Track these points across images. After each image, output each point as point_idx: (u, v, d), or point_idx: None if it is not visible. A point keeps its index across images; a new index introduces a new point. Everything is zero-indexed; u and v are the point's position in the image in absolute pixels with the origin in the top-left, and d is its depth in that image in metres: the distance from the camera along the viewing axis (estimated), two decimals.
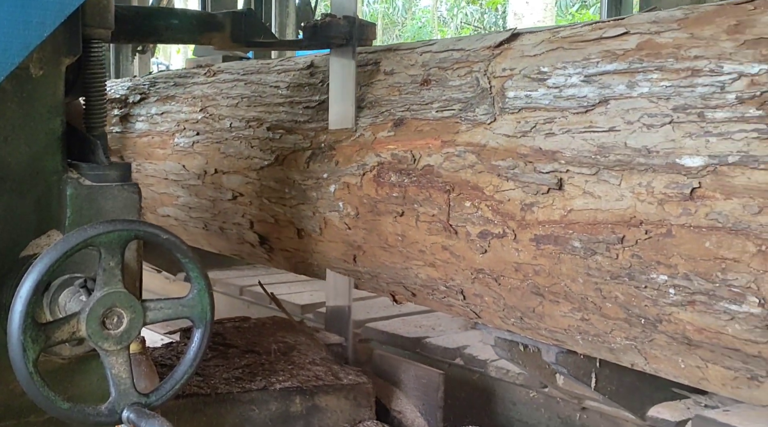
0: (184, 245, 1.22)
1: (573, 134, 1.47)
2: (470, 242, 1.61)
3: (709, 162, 1.26)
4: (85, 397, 1.33)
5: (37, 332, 1.13)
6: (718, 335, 1.25)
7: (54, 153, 1.30)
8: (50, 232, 1.31)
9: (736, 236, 1.21)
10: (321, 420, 1.77)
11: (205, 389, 1.70)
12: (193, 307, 1.24)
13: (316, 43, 1.94)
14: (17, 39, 1.13)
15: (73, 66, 1.36)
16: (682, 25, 1.48)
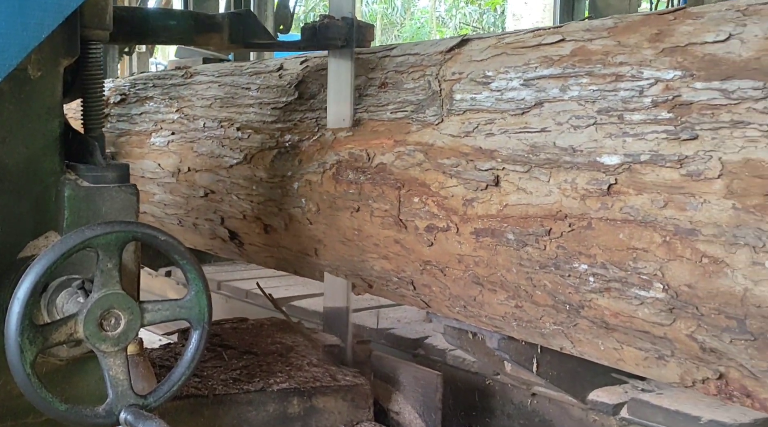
0: (182, 247, 1.22)
1: (510, 134, 1.57)
2: (418, 236, 1.71)
3: (624, 160, 1.36)
4: (83, 398, 1.32)
5: (34, 334, 1.13)
6: (631, 319, 1.35)
7: (52, 154, 1.31)
8: (48, 233, 1.31)
9: (645, 228, 1.30)
10: (319, 421, 1.78)
11: (203, 390, 1.70)
12: (191, 308, 1.24)
13: (315, 44, 1.95)
14: (15, 40, 1.14)
15: (71, 67, 1.37)
16: (611, 33, 1.58)
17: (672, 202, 1.27)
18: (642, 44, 1.50)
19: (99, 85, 1.44)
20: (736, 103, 1.28)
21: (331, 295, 2.10)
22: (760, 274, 1.15)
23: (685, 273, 1.24)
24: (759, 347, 1.17)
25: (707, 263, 1.22)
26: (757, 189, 1.17)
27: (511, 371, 1.94)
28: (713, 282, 1.21)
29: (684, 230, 1.24)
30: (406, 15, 25.31)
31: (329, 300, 2.12)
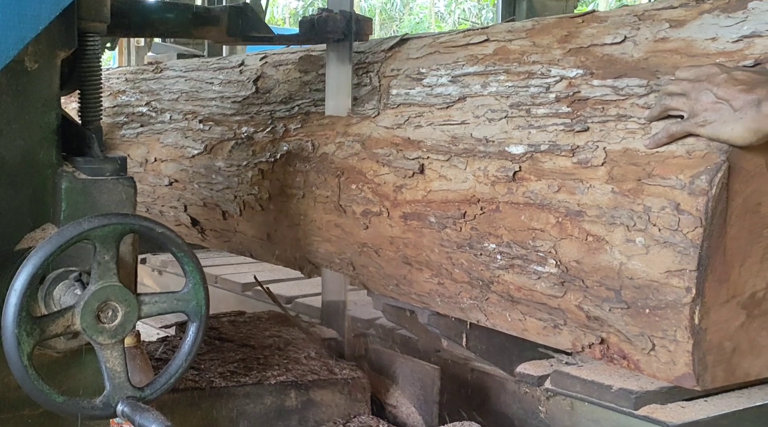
0: (179, 239, 1.22)
1: (435, 126, 1.72)
2: (356, 220, 1.85)
3: (528, 150, 1.50)
4: (80, 390, 1.31)
5: (31, 326, 1.13)
6: (531, 292, 1.49)
7: (49, 146, 1.29)
8: (45, 225, 1.30)
9: (542, 211, 1.45)
10: (316, 414, 1.77)
11: (201, 383, 1.70)
12: (189, 301, 1.24)
13: (313, 37, 1.96)
14: (12, 32, 1.13)
15: (69, 59, 1.35)
16: (529, 35, 1.73)
17: (564, 187, 1.42)
18: (553, 45, 1.65)
19: (96, 77, 1.43)
20: (623, 98, 1.43)
21: (329, 289, 2.14)
22: (633, 250, 1.30)
23: (573, 250, 1.39)
24: (632, 314, 1.32)
25: (591, 241, 1.36)
26: (632, 175, 1.32)
27: (448, 347, 2.09)
28: (596, 258, 1.36)
29: (573, 211, 1.39)
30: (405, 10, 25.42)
31: (327, 294, 2.15)
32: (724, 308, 1.26)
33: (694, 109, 1.26)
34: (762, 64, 1.32)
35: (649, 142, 1.31)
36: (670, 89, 1.32)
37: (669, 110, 1.30)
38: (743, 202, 1.25)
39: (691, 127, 1.26)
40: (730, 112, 1.22)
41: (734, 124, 1.21)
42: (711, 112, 1.24)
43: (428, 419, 1.86)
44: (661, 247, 1.26)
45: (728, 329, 1.28)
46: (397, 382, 1.93)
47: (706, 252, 1.22)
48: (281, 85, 2.26)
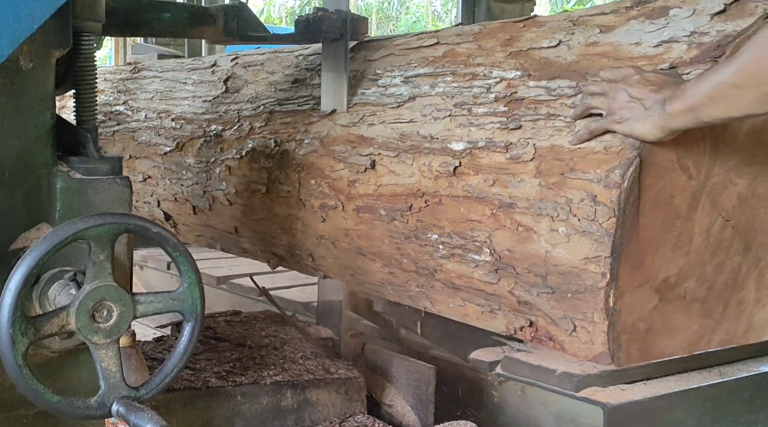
0: (175, 239, 1.22)
1: (386, 125, 1.82)
2: (314, 213, 1.95)
3: (467, 146, 1.61)
4: (75, 390, 1.30)
5: (26, 325, 1.12)
6: (470, 280, 1.60)
7: (44, 146, 1.29)
8: (40, 225, 1.29)
9: (479, 203, 1.55)
10: (312, 414, 1.78)
11: (196, 382, 1.70)
12: (184, 300, 1.24)
13: (308, 37, 1.95)
14: (7, 31, 1.12)
15: (64, 59, 1.35)
16: (476, 38, 1.83)
17: (498, 180, 1.52)
18: (496, 48, 1.76)
19: (92, 76, 1.43)
20: (554, 99, 1.53)
21: (325, 288, 2.17)
22: (557, 238, 1.41)
23: (506, 240, 1.50)
24: (556, 298, 1.43)
25: (521, 231, 1.47)
26: (557, 169, 1.42)
27: (405, 335, 2.19)
28: (525, 246, 1.46)
29: (506, 203, 1.50)
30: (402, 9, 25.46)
31: (323, 294, 2.17)
32: (638, 292, 1.37)
33: (611, 107, 1.37)
34: (676, 67, 1.43)
35: (573, 138, 1.41)
36: (591, 89, 1.42)
37: (590, 109, 1.41)
38: (655, 194, 1.36)
39: (608, 124, 1.36)
40: (642, 111, 1.32)
41: (645, 121, 1.32)
42: (626, 110, 1.34)
43: (423, 418, 1.88)
44: (581, 236, 1.37)
45: (642, 311, 1.38)
46: (392, 381, 1.95)
47: (620, 240, 1.33)
48: (249, 85, 2.36)
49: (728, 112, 1.25)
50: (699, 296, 1.45)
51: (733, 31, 1.43)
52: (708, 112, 1.26)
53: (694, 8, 1.52)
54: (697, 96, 1.27)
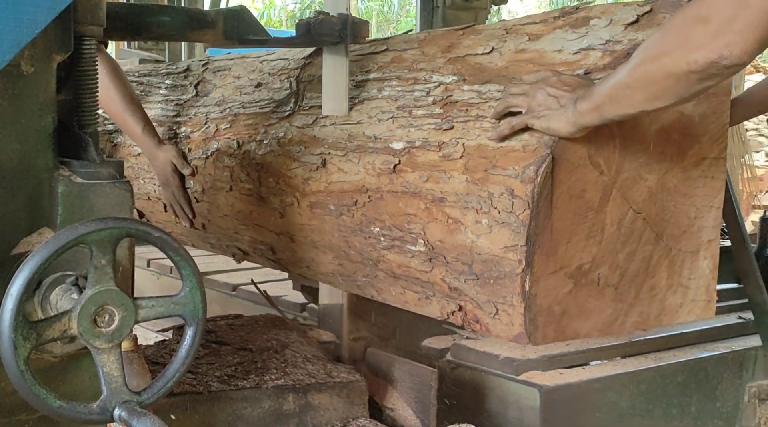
0: (176, 243, 1.22)
1: (336, 126, 1.96)
2: (273, 210, 2.09)
3: (406, 145, 1.74)
4: (77, 395, 1.29)
5: (28, 330, 1.12)
6: (408, 269, 1.73)
7: (45, 150, 1.29)
8: (42, 229, 1.29)
9: (414, 198, 1.68)
10: (314, 418, 1.77)
11: (198, 387, 1.70)
12: (185, 305, 1.24)
13: (309, 40, 1.96)
14: (8, 36, 1.12)
15: (65, 63, 1.35)
16: (420, 45, 1.97)
17: (431, 177, 1.65)
18: (437, 54, 1.89)
19: (93, 81, 1.44)
20: (484, 101, 1.67)
21: (327, 292, 2.17)
22: (480, 229, 1.54)
23: (438, 231, 1.63)
24: (481, 284, 1.56)
25: (451, 223, 1.60)
26: (481, 166, 1.56)
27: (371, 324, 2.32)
28: (454, 237, 1.60)
29: (437, 198, 1.63)
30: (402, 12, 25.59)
31: (325, 297, 2.18)
32: (553, 278, 1.50)
33: (530, 105, 1.50)
34: (591, 72, 1.56)
35: (493, 133, 1.55)
36: (513, 90, 1.56)
37: (511, 107, 1.55)
38: (568, 189, 1.49)
39: (528, 119, 1.50)
40: (557, 108, 1.46)
41: (559, 118, 1.45)
42: (543, 107, 1.48)
43: (425, 421, 1.88)
44: (501, 226, 1.50)
45: (557, 295, 1.52)
46: (394, 385, 1.94)
47: (534, 230, 1.46)
48: (217, 89, 2.50)
49: (624, 110, 1.39)
50: (612, 282, 1.58)
51: (642, 39, 1.56)
52: (609, 110, 1.40)
53: (611, 19, 1.66)
54: (601, 95, 1.41)
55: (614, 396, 2.10)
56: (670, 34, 1.31)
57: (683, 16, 1.30)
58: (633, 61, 1.35)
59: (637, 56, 1.34)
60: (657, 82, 1.32)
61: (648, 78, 1.32)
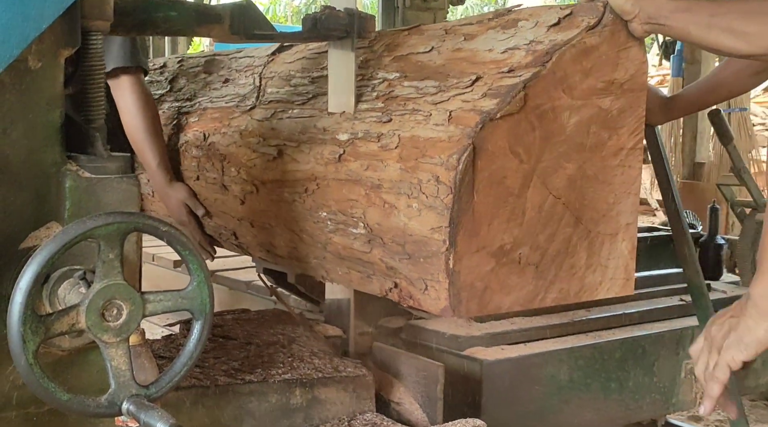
0: (184, 237, 1.22)
1: (292, 118, 2.11)
2: (234, 197, 2.24)
3: (350, 137, 1.89)
4: (85, 389, 1.31)
5: (36, 324, 1.13)
6: (351, 250, 1.87)
7: (53, 145, 1.29)
8: (49, 224, 1.30)
9: (356, 185, 1.83)
10: (321, 412, 1.78)
11: (205, 381, 1.71)
12: (193, 299, 1.25)
13: (315, 35, 1.95)
14: (16, 31, 1.12)
15: (72, 58, 1.36)
16: (370, 44, 2.11)
17: (371, 165, 1.80)
18: (384, 52, 2.04)
19: (99, 75, 1.44)
20: (420, 96, 1.82)
21: (333, 286, 2.20)
22: (411, 213, 1.69)
23: (376, 215, 1.78)
24: (413, 263, 1.71)
25: (387, 207, 1.75)
26: (413, 155, 1.71)
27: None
28: (390, 220, 1.75)
29: (375, 185, 1.78)
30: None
31: (330, 292, 2.22)
32: (475, 257, 1.65)
33: None
34: (515, 70, 1.71)
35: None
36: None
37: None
38: (489, 175, 1.64)
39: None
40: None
41: None
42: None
43: (432, 415, 1.92)
44: (428, 210, 1.65)
45: (479, 273, 1.67)
46: (401, 379, 1.98)
47: (457, 213, 1.61)
48: (189, 84, 2.65)
49: None
50: (533, 261, 1.73)
51: (561, 40, 1.71)
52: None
53: (537, 21, 1.80)
54: None
55: (553, 370, 2.27)
56: None
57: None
58: None
59: None
60: None
61: None
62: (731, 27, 1.62)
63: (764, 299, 1.38)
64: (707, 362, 1.47)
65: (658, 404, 2.49)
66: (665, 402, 2.51)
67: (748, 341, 1.40)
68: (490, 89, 1.69)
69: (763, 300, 1.38)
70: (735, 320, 1.43)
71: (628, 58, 1.77)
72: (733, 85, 2.32)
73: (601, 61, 1.74)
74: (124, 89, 2.34)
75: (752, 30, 1.60)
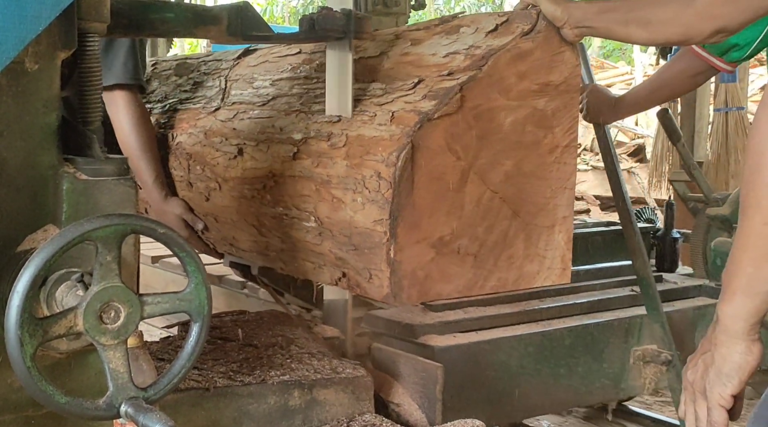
0: (181, 239, 1.23)
1: (252, 119, 2.23)
2: (200, 194, 2.36)
3: (304, 136, 2.01)
4: (83, 391, 1.31)
5: (34, 327, 1.12)
6: (304, 242, 1.99)
7: (49, 148, 1.29)
8: (47, 226, 1.29)
9: (308, 181, 1.95)
10: (320, 414, 1.79)
11: (203, 383, 1.71)
12: (191, 301, 1.24)
13: (313, 35, 1.95)
14: (12, 33, 1.12)
15: (69, 60, 1.35)
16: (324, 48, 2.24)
17: (321, 163, 1.92)
18: None
19: (96, 77, 1.44)
20: (368, 98, 1.94)
21: (331, 288, 2.21)
22: (356, 207, 1.81)
23: (326, 209, 1.90)
24: (358, 254, 1.83)
25: (335, 202, 1.87)
26: (359, 153, 1.82)
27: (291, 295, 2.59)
28: (338, 214, 1.87)
29: (325, 180, 1.90)
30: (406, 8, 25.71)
31: (329, 293, 2.25)
32: (416, 247, 1.77)
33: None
34: (453, 73, 1.83)
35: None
36: None
37: None
38: (428, 171, 1.76)
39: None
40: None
41: None
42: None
43: (431, 416, 1.94)
44: (371, 204, 1.77)
45: (420, 262, 1.79)
46: (400, 380, 1.99)
47: (397, 207, 1.73)
48: (161, 87, 2.77)
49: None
50: (472, 251, 1.85)
51: (497, 45, 1.83)
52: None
53: (477, 27, 1.93)
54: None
55: (503, 356, 2.39)
56: None
57: None
58: None
59: None
60: None
61: None
62: (642, 20, 1.75)
63: (734, 320, 1.28)
64: (696, 413, 1.31)
65: (607, 390, 2.62)
66: (614, 387, 2.63)
67: (728, 371, 1.27)
68: (430, 91, 1.81)
69: (732, 320, 1.28)
70: (708, 355, 1.30)
71: (562, 61, 1.89)
72: (674, 86, 2.45)
73: (535, 65, 1.86)
74: (120, 106, 2.37)
75: (656, 20, 1.73)
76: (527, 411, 2.53)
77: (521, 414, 2.54)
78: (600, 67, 11.82)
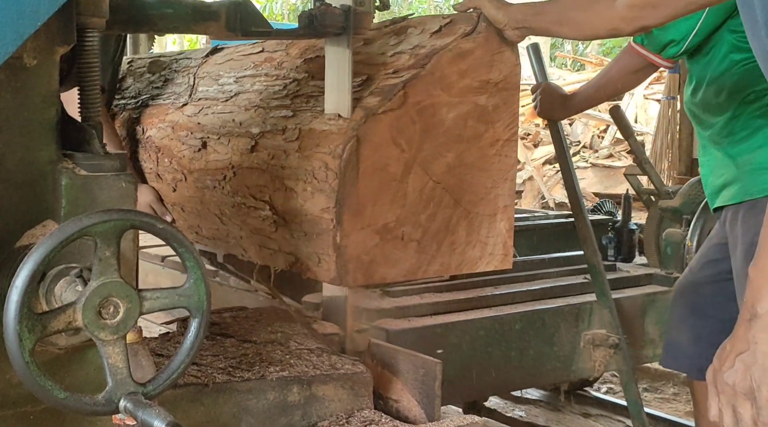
0: (180, 234, 1.23)
1: (216, 114, 2.35)
2: (167, 185, 2.49)
3: (261, 130, 2.13)
4: (82, 387, 1.31)
5: (33, 322, 1.12)
6: (261, 229, 2.11)
7: (48, 143, 1.28)
8: (46, 222, 1.29)
9: (264, 172, 2.03)
10: (319, 409, 1.79)
11: (202, 378, 1.71)
12: (190, 296, 1.24)
13: (312, 32, 1.94)
14: (10, 28, 1.12)
15: (67, 55, 1.35)
16: (287, 47, 2.36)
17: (276, 155, 2.05)
18: (298, 56, 2.29)
19: (95, 73, 1.44)
20: (321, 94, 2.06)
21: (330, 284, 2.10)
22: (306, 196, 1.94)
23: (280, 198, 2.03)
24: (308, 239, 1.96)
25: (288, 191, 2.00)
26: (310, 146, 1.95)
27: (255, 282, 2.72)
28: (291, 203, 2.00)
29: (279, 172, 2.03)
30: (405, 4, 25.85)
31: (327, 289, 2.21)
32: (361, 233, 1.90)
33: None
34: (398, 71, 1.96)
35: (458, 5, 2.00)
36: None
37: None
38: (372, 163, 1.88)
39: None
40: None
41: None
42: None
43: (430, 412, 1.93)
44: (319, 193, 1.90)
45: (365, 247, 1.91)
46: (399, 376, 1.98)
47: (342, 195, 1.85)
48: (135, 83, 2.89)
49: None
50: (415, 238, 1.98)
51: (439, 45, 1.96)
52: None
53: (423, 28, 2.05)
54: None
55: (455, 339, 2.52)
56: None
57: None
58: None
59: None
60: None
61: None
62: (572, 20, 1.91)
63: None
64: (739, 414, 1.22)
65: (558, 371, 2.75)
66: (565, 370, 2.76)
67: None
68: (376, 88, 1.93)
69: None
70: (747, 355, 1.21)
71: (502, 60, 2.02)
72: (618, 83, 2.58)
73: (476, 64, 1.99)
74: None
75: (584, 21, 1.90)
76: (479, 391, 2.66)
77: (474, 394, 2.67)
78: (600, 65, 12.00)
